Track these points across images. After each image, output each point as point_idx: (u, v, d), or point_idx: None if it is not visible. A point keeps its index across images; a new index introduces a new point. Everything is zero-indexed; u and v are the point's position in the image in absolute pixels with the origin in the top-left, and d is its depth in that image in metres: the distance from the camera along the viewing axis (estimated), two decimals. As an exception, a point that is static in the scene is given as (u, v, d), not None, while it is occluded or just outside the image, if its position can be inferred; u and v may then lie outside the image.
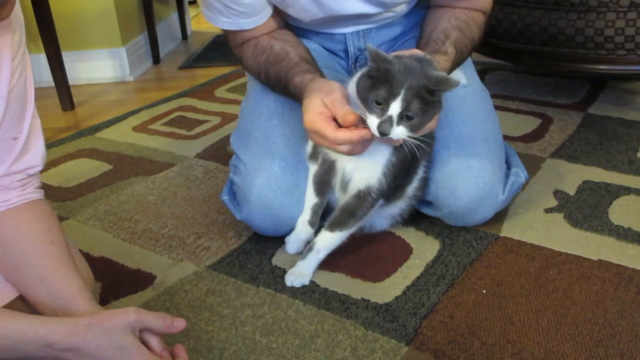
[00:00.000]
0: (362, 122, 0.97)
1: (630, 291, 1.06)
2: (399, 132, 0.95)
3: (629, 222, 1.27)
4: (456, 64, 1.14)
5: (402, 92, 0.92)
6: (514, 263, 1.16)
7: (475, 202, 1.20)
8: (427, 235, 1.27)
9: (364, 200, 1.11)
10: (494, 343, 0.96)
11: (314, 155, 1.17)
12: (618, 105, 1.93)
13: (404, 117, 0.94)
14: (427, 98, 0.94)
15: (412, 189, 1.20)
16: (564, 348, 0.94)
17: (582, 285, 1.09)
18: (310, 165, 1.18)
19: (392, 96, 0.93)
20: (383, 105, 0.93)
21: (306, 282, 1.13)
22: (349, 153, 1.01)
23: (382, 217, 1.25)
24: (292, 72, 1.12)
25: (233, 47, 1.26)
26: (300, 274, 1.14)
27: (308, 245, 1.16)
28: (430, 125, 1.00)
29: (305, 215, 1.19)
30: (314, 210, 1.19)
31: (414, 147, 1.00)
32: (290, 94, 1.14)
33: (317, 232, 1.18)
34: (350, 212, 1.12)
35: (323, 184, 1.17)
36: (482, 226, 1.27)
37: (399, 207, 1.23)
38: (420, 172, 1.18)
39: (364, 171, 1.11)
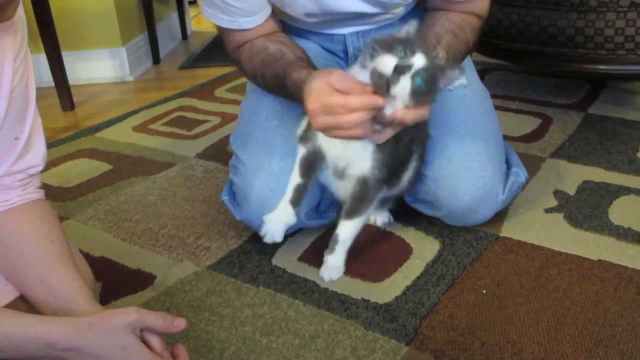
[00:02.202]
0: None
1: (630, 291, 1.06)
2: (404, 86, 0.93)
3: (629, 222, 1.27)
4: None
5: (425, 54, 0.94)
6: (514, 263, 1.17)
7: (475, 202, 1.20)
8: (427, 235, 1.27)
9: (366, 186, 1.11)
10: (494, 343, 0.97)
11: (304, 139, 1.15)
12: (618, 105, 1.93)
13: (415, 77, 0.93)
14: (437, 77, 0.95)
15: (408, 178, 1.20)
16: (564, 348, 0.94)
17: (582, 285, 1.09)
18: (299, 148, 1.16)
19: (418, 50, 0.93)
20: (408, 53, 0.93)
21: (341, 273, 1.16)
22: (359, 133, 0.97)
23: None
24: (290, 69, 1.12)
25: (230, 50, 1.26)
26: (335, 267, 1.15)
27: (332, 239, 1.16)
28: (424, 113, 0.99)
29: (287, 195, 1.17)
30: (297, 190, 1.16)
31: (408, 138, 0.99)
32: (287, 91, 1.13)
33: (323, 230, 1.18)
34: (360, 199, 1.13)
35: (309, 166, 1.16)
36: (482, 226, 1.27)
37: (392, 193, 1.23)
38: (413, 161, 1.18)
39: (355, 164, 1.10)
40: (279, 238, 1.19)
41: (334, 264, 1.16)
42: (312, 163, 1.16)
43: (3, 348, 0.77)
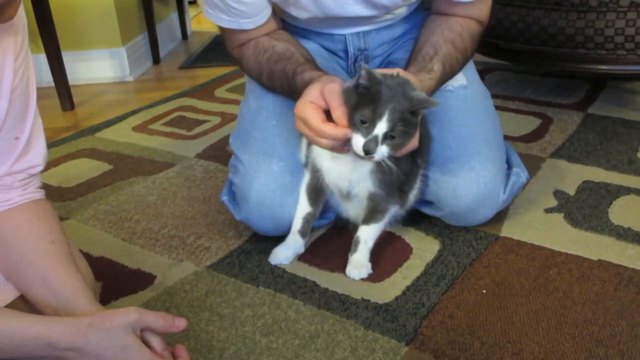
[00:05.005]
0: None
1: (630, 291, 1.06)
2: (382, 152, 0.97)
3: (629, 222, 1.27)
4: (444, 79, 1.15)
5: (387, 113, 0.94)
6: (514, 263, 1.17)
7: (476, 202, 1.20)
8: (427, 235, 1.27)
9: (375, 200, 1.13)
10: (494, 343, 0.97)
11: (305, 164, 1.18)
12: (618, 105, 1.93)
13: (387, 136, 0.96)
14: (409, 119, 0.97)
15: (413, 195, 1.20)
16: (564, 348, 0.94)
17: (582, 285, 1.09)
18: (304, 172, 1.18)
19: (378, 116, 0.95)
20: (368, 124, 0.95)
21: (370, 270, 1.15)
22: (330, 149, 1.01)
23: None
24: (302, 68, 1.12)
25: (231, 48, 1.26)
26: (361, 265, 1.16)
27: (354, 239, 1.17)
28: (413, 144, 1.02)
29: (296, 225, 1.19)
30: (306, 220, 1.19)
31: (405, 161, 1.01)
32: (293, 89, 1.13)
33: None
34: (374, 210, 1.14)
35: (317, 192, 1.17)
36: (482, 226, 1.27)
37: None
38: (418, 181, 1.19)
39: (357, 185, 1.11)
40: (286, 262, 1.21)
41: (359, 261, 1.16)
42: (318, 188, 1.16)
43: (4, 348, 0.77)
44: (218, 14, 1.17)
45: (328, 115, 0.99)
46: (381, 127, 0.95)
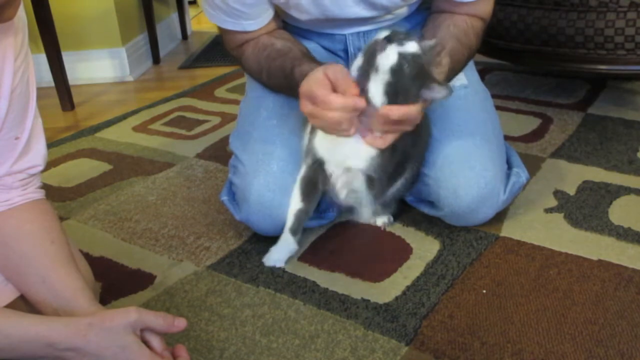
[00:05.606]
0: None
1: (630, 291, 1.06)
2: (390, 54, 0.95)
3: (629, 222, 1.27)
4: (451, 75, 1.14)
5: (419, 47, 0.96)
6: (514, 263, 1.17)
7: (476, 202, 1.20)
8: (427, 235, 1.27)
9: (372, 179, 1.11)
10: (494, 343, 0.97)
11: (307, 152, 1.15)
12: (618, 105, 1.93)
13: (402, 60, 0.95)
14: (417, 79, 0.96)
15: (396, 187, 1.19)
16: (564, 348, 0.94)
17: (582, 285, 1.09)
18: (301, 165, 1.16)
19: (415, 40, 0.96)
20: (404, 37, 0.96)
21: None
22: (337, 127, 0.98)
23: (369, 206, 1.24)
24: (300, 62, 1.11)
25: (231, 48, 1.25)
26: (379, 212, 1.19)
27: (355, 200, 1.16)
28: (414, 112, 0.97)
29: (288, 223, 1.17)
30: (297, 217, 1.17)
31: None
32: (293, 83, 1.11)
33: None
34: (370, 180, 1.12)
35: (312, 186, 1.15)
36: (482, 226, 1.27)
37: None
38: (405, 173, 1.18)
39: (358, 165, 1.10)
40: (280, 264, 1.20)
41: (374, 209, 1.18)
42: (314, 181, 1.15)
43: (3, 348, 0.77)
44: (220, 15, 1.17)
45: None
46: (412, 45, 0.95)
